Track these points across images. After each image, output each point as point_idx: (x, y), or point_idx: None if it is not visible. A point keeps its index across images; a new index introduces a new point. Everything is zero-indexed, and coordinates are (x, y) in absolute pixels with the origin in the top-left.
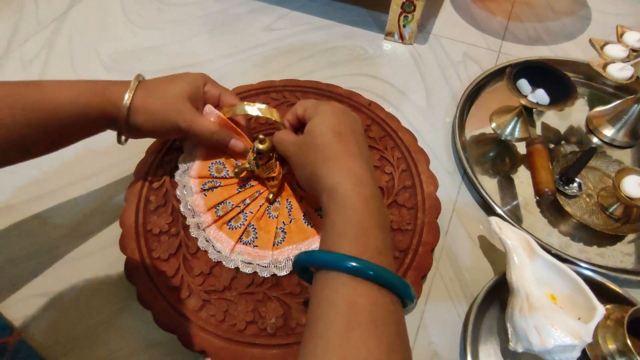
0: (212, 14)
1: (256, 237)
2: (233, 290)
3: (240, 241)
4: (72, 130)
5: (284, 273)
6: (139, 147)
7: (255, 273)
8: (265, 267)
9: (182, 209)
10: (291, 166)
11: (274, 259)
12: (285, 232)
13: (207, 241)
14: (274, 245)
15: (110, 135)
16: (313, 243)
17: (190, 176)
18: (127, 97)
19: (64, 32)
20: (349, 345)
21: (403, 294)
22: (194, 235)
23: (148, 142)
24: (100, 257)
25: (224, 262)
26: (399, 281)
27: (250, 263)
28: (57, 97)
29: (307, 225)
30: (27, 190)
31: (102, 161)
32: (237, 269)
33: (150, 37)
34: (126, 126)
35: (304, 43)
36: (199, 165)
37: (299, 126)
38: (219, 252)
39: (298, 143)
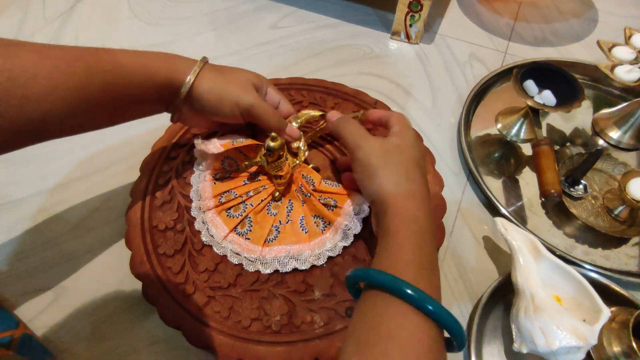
0: (218, 11)
1: (250, 230)
2: (238, 287)
3: (235, 230)
4: (136, 99)
5: (268, 271)
6: (145, 143)
7: (258, 270)
8: (252, 261)
9: (191, 193)
10: (353, 158)
11: (261, 256)
12: (279, 232)
13: (203, 223)
14: (265, 242)
15: (117, 131)
16: (303, 249)
17: (205, 167)
18: (196, 67)
19: (70, 27)
20: None
21: (459, 340)
22: (193, 215)
23: (154, 137)
24: (106, 252)
25: (214, 247)
26: (459, 327)
27: (238, 254)
28: (128, 62)
29: (302, 230)
30: (34, 185)
31: (108, 157)
32: (242, 266)
33: (157, 34)
34: (188, 95)
35: (310, 41)
36: (214, 159)
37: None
38: (211, 236)
39: (378, 141)
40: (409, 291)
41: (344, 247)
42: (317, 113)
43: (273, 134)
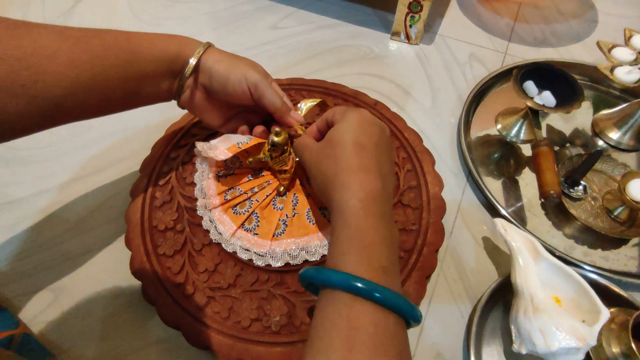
0: (218, 11)
1: (258, 226)
2: (238, 288)
3: (242, 227)
4: (148, 74)
5: (278, 264)
6: (145, 144)
7: (259, 271)
8: (262, 256)
9: (195, 191)
10: (307, 172)
11: (271, 250)
12: (286, 225)
13: (210, 222)
14: (273, 236)
15: (116, 130)
16: (312, 240)
17: (209, 164)
18: (206, 43)
19: None
20: None
21: (408, 315)
22: (200, 214)
23: (154, 138)
24: (106, 252)
25: (223, 245)
26: (403, 302)
27: (247, 250)
28: (140, 39)
29: (309, 222)
30: (33, 185)
31: (108, 157)
32: (241, 267)
33: None
34: (195, 68)
35: (310, 42)
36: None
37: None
38: (220, 234)
39: (315, 149)
40: (349, 281)
41: None
42: (315, 101)
43: (277, 129)
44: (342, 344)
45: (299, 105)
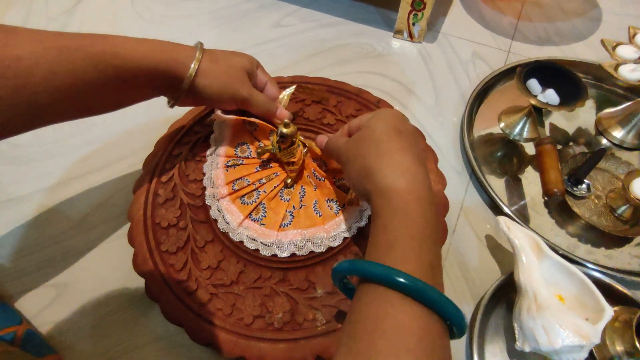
0: (221, 9)
1: (265, 216)
2: (240, 285)
3: (249, 217)
4: (135, 88)
5: (284, 255)
6: (148, 141)
7: (262, 268)
8: (268, 246)
9: (204, 181)
10: (340, 164)
11: (278, 240)
12: (293, 216)
13: (218, 211)
14: (280, 226)
15: (118, 127)
16: (318, 232)
17: (218, 154)
18: (196, 58)
19: (73, 26)
20: None
21: (457, 325)
22: (208, 203)
23: (157, 135)
24: (109, 249)
25: (230, 234)
26: (454, 310)
27: (254, 239)
28: (129, 53)
29: (316, 214)
30: (36, 182)
31: (111, 154)
32: (244, 264)
33: (159, 32)
34: (189, 88)
35: (312, 40)
36: (227, 145)
37: None
38: (227, 223)
39: (352, 141)
40: (397, 278)
41: (351, 239)
42: (291, 89)
43: (286, 120)
44: (387, 347)
45: (280, 97)
